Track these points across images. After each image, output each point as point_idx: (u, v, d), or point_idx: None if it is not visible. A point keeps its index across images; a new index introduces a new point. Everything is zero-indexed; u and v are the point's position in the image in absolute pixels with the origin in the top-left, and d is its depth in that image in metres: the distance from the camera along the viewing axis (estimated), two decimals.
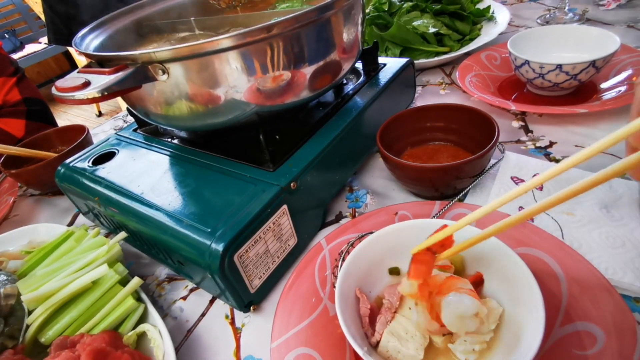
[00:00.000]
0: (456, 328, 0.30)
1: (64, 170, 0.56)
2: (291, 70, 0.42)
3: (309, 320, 0.38)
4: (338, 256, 0.41)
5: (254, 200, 0.41)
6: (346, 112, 0.54)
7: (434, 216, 0.45)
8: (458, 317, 0.30)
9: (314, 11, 0.40)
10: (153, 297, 0.49)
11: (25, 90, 1.08)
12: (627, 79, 0.59)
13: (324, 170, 0.48)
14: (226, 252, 0.37)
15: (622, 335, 0.31)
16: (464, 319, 0.30)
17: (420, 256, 0.32)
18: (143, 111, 0.48)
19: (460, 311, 0.30)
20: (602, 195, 0.44)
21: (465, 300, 0.30)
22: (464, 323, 0.30)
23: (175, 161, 0.51)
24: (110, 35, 0.54)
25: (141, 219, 0.44)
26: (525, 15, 0.96)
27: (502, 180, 0.49)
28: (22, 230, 0.60)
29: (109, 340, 0.37)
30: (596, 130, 0.55)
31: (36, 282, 0.42)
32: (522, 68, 0.62)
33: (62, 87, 0.35)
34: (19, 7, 3.56)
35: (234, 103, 0.42)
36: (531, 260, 0.37)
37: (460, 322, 0.30)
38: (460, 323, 0.30)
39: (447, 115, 0.55)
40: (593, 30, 0.63)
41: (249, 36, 0.36)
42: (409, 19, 0.84)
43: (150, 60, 0.37)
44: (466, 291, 0.31)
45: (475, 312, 0.30)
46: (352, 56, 0.51)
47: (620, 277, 0.36)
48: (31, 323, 0.40)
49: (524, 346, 0.29)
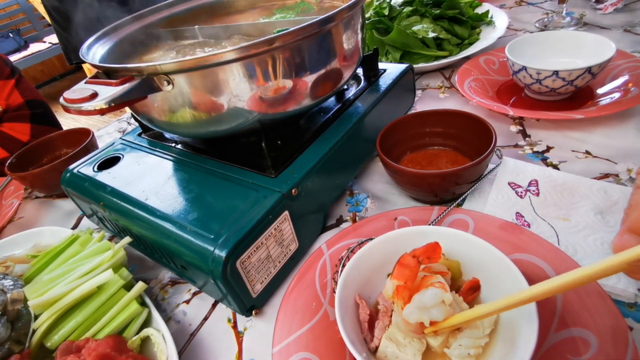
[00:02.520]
0: (417, 318, 0.31)
1: (70, 175, 0.57)
2: (293, 79, 0.43)
3: (309, 324, 0.39)
4: (338, 262, 0.42)
5: (256, 207, 0.42)
6: (347, 118, 0.54)
7: (433, 221, 0.46)
8: (418, 308, 0.31)
9: (316, 24, 0.40)
10: (156, 300, 0.50)
11: (25, 92, 1.09)
12: (623, 84, 0.60)
13: (325, 175, 0.49)
14: (229, 258, 0.38)
15: (614, 340, 0.31)
16: (426, 309, 0.31)
17: (405, 260, 0.33)
18: (147, 118, 0.49)
19: (419, 303, 0.31)
20: (598, 201, 0.45)
21: (428, 292, 0.31)
22: (427, 313, 0.31)
23: (178, 167, 0.52)
24: (115, 43, 0.55)
25: (145, 224, 0.45)
26: (524, 19, 0.96)
27: (500, 186, 0.50)
28: (27, 233, 0.61)
29: (114, 344, 0.38)
30: (592, 135, 0.56)
31: (42, 287, 0.43)
32: (519, 73, 0.62)
33: (70, 98, 0.36)
34: (24, 7, 3.59)
35: (237, 111, 0.43)
36: (527, 266, 0.38)
37: (422, 312, 0.31)
38: (421, 313, 0.31)
39: (445, 121, 0.56)
40: (589, 36, 0.64)
41: (252, 49, 0.37)
42: (409, 24, 0.85)
43: (155, 72, 0.38)
44: (435, 284, 0.32)
45: (440, 300, 0.31)
46: (353, 63, 0.52)
47: (614, 283, 0.36)
48: (37, 328, 0.41)
49: (518, 351, 0.30)
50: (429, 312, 0.31)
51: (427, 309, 0.31)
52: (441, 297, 0.31)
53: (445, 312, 0.31)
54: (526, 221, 0.45)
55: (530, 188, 0.49)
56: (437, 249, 0.35)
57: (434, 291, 0.31)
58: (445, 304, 0.31)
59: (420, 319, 0.31)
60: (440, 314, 0.31)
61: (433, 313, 0.31)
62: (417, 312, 0.31)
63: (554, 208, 0.46)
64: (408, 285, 0.32)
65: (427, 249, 0.35)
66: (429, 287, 0.31)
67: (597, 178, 0.49)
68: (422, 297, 0.31)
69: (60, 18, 1.16)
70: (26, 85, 1.10)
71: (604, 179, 0.49)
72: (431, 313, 0.31)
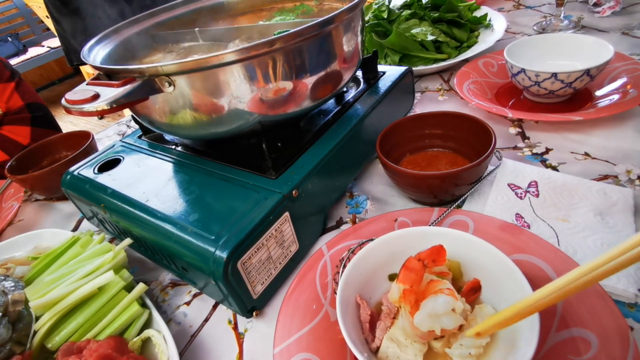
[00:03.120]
0: (429, 326, 0.30)
1: (70, 177, 0.57)
2: (293, 81, 0.43)
3: (310, 325, 0.39)
4: (339, 263, 0.42)
5: (256, 208, 0.42)
6: (347, 120, 0.55)
7: (433, 222, 0.46)
8: (429, 316, 0.30)
9: (316, 26, 0.41)
10: (157, 302, 0.50)
11: (25, 95, 1.09)
12: (622, 86, 0.61)
13: (325, 177, 0.49)
14: (230, 259, 0.38)
15: (615, 340, 0.32)
16: (438, 317, 0.30)
17: (411, 264, 0.33)
18: (147, 120, 0.49)
19: (431, 311, 0.30)
20: (597, 202, 0.45)
21: (439, 300, 0.31)
22: (438, 321, 0.30)
23: (179, 168, 0.53)
24: (116, 45, 0.56)
25: (146, 226, 0.45)
26: (522, 22, 0.97)
27: (499, 187, 0.50)
28: (28, 235, 0.61)
29: (115, 345, 0.38)
30: (591, 137, 0.56)
31: (43, 289, 0.43)
32: (518, 76, 0.63)
33: (71, 99, 0.36)
34: (22, 11, 3.60)
35: (238, 113, 0.43)
36: (527, 267, 0.38)
37: (433, 320, 0.30)
38: (433, 322, 0.30)
39: (445, 123, 0.56)
40: (588, 38, 0.65)
41: (253, 50, 0.38)
42: (408, 27, 0.86)
43: (157, 73, 0.38)
44: (444, 291, 0.32)
45: (451, 308, 0.30)
46: (353, 65, 0.52)
47: (615, 283, 0.37)
48: (38, 329, 0.41)
49: (519, 351, 0.30)
50: (440, 320, 0.30)
51: (439, 316, 0.30)
52: (452, 304, 0.31)
53: (455, 321, 0.31)
54: (526, 222, 0.45)
55: (530, 189, 0.49)
56: (442, 252, 0.35)
57: (445, 299, 0.31)
58: (455, 312, 0.31)
59: (432, 327, 0.30)
60: (451, 323, 0.30)
61: (444, 321, 0.30)
62: (428, 320, 0.30)
63: (554, 209, 0.46)
64: (414, 289, 0.32)
65: (432, 252, 0.34)
66: (438, 294, 0.31)
67: (596, 179, 0.49)
68: (434, 304, 0.31)
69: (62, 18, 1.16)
70: (26, 88, 1.11)
71: (603, 180, 0.49)
72: (442, 321, 0.30)
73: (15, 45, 3.49)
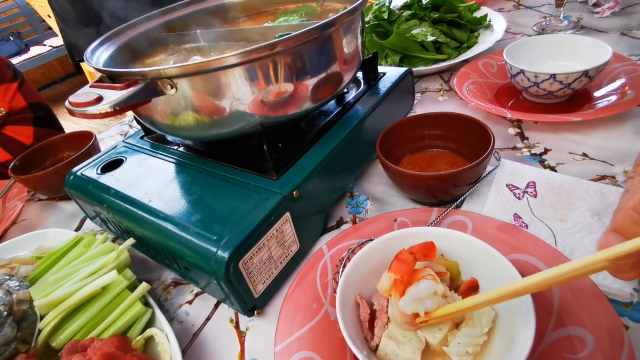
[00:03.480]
0: (413, 309, 0.32)
1: (73, 177, 0.58)
2: (294, 83, 0.44)
3: (311, 324, 0.39)
4: (339, 262, 0.43)
5: (257, 208, 0.42)
6: (347, 121, 0.55)
7: (432, 223, 0.47)
8: (413, 300, 0.33)
9: (316, 29, 0.41)
10: (159, 301, 0.50)
11: (28, 95, 1.09)
12: (620, 87, 0.61)
13: (325, 177, 0.50)
14: (231, 259, 0.38)
15: (610, 339, 0.32)
16: (421, 301, 0.33)
17: (403, 255, 0.35)
18: (150, 121, 0.50)
19: (414, 295, 0.33)
20: (594, 202, 0.45)
21: (421, 284, 0.33)
22: (421, 304, 0.33)
23: (181, 169, 0.53)
24: (119, 47, 0.56)
25: (148, 226, 0.46)
26: (522, 23, 0.97)
27: (498, 187, 0.51)
28: (31, 235, 0.61)
29: (119, 344, 0.39)
30: (590, 137, 0.57)
31: (48, 288, 0.43)
32: (517, 77, 0.63)
33: (75, 102, 0.36)
34: (24, 10, 3.61)
35: (239, 115, 0.44)
36: (525, 266, 0.39)
37: (416, 304, 0.32)
38: (416, 305, 0.32)
39: (445, 123, 0.57)
40: (587, 39, 0.65)
41: (254, 53, 0.38)
42: (408, 28, 0.86)
43: (159, 76, 0.39)
44: (426, 277, 0.34)
45: (433, 291, 0.33)
46: (353, 67, 0.52)
47: (610, 283, 0.37)
48: (43, 328, 0.41)
49: (516, 349, 0.30)
50: (423, 303, 0.33)
51: (422, 300, 0.33)
52: (434, 288, 0.33)
53: (437, 302, 0.33)
54: (524, 222, 0.46)
55: (528, 190, 0.49)
56: (432, 247, 0.37)
57: (426, 283, 0.33)
58: (437, 294, 0.33)
59: (416, 310, 0.33)
60: (433, 304, 0.33)
61: (427, 304, 0.33)
62: (412, 303, 0.33)
63: (552, 209, 0.46)
64: (404, 279, 0.34)
65: (423, 247, 0.36)
66: (421, 280, 0.33)
67: (594, 180, 0.49)
68: (417, 289, 0.33)
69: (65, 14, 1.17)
70: (29, 88, 1.11)
71: (601, 180, 0.50)
72: (425, 304, 0.33)
73: (17, 44, 3.51)
